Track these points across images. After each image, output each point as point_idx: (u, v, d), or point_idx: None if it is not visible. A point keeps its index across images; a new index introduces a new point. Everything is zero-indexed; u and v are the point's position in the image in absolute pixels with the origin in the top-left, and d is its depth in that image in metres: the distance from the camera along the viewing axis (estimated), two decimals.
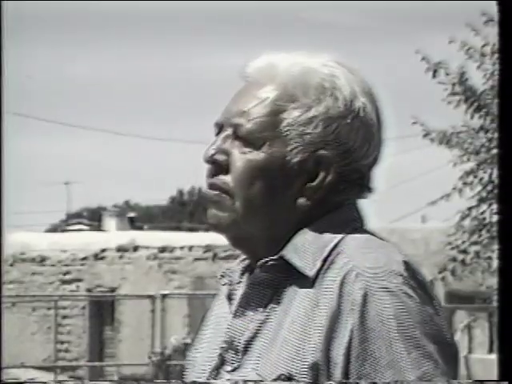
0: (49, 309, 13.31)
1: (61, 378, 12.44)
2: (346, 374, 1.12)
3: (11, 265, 13.88)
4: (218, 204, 1.19)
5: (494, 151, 7.18)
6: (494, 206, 7.27)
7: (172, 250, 13.71)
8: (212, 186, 1.20)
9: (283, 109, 1.18)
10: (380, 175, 1.21)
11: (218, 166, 1.20)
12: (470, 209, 7.35)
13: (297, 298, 1.16)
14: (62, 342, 13.49)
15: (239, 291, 1.21)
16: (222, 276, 1.24)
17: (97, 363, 13.24)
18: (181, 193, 37.81)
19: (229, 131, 1.20)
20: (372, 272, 1.14)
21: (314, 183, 1.18)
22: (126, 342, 13.40)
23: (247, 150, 1.18)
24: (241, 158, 1.18)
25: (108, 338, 13.79)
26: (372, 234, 1.19)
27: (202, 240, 13.82)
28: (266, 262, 1.17)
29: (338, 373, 1.12)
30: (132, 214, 19.76)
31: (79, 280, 13.91)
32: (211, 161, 1.20)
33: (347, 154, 1.18)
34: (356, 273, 1.14)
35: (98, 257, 13.90)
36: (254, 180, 1.18)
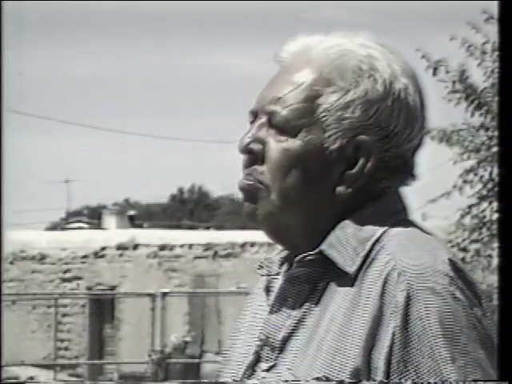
0: (49, 307, 13.30)
1: (60, 376, 12.44)
2: (387, 379, 1.06)
3: (11, 263, 13.87)
4: (253, 195, 1.14)
5: (495, 149, 7.17)
6: (495, 204, 7.27)
7: (172, 248, 13.70)
8: (248, 177, 1.15)
9: (319, 93, 1.13)
10: None
11: (254, 156, 1.15)
12: (470, 207, 7.34)
13: (336, 296, 1.11)
14: (62, 340, 13.49)
15: (277, 283, 1.16)
16: (261, 267, 1.19)
17: (97, 361, 13.24)
18: (181, 191, 37.77)
19: (263, 119, 1.15)
20: (416, 271, 1.07)
21: (354, 170, 1.13)
22: (125, 340, 13.39)
23: (283, 138, 1.14)
24: (276, 146, 1.14)
25: (108, 336, 13.78)
26: (416, 227, 1.13)
27: (202, 238, 13.80)
28: (304, 256, 1.12)
29: (378, 378, 1.06)
30: (132, 212, 19.75)
31: (79, 278, 13.90)
32: (247, 150, 1.15)
33: (388, 139, 1.13)
34: (398, 272, 1.08)
35: (98, 255, 13.90)
36: (291, 169, 1.13)
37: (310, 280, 1.13)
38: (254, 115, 1.17)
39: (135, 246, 13.82)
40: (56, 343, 12.04)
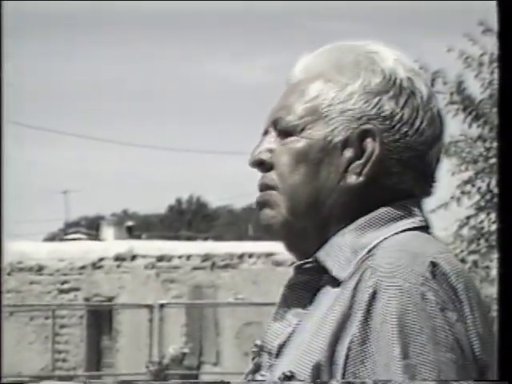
0: (46, 318, 13.27)
1: None
2: (343, 375, 1.06)
3: (9, 274, 13.84)
4: (267, 204, 1.15)
5: (492, 160, 7.18)
6: (493, 215, 7.27)
7: (170, 259, 13.68)
8: (261, 186, 1.16)
9: (320, 93, 1.15)
10: None
11: (265, 165, 1.16)
12: (468, 218, 7.34)
13: (323, 301, 1.12)
14: (60, 352, 13.44)
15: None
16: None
17: (94, 373, 13.19)
18: (179, 202, 37.75)
19: (272, 131, 1.17)
20: (388, 269, 1.07)
21: (362, 160, 1.12)
22: (123, 352, 13.36)
23: (289, 139, 1.15)
24: (283, 149, 1.15)
25: (106, 347, 13.75)
26: (423, 234, 1.11)
27: (201, 249, 13.79)
28: (302, 264, 1.13)
29: (338, 374, 1.06)
30: (130, 223, 19.75)
31: (77, 289, 13.88)
32: (257, 162, 1.16)
33: (394, 129, 1.12)
34: (371, 270, 1.08)
35: (96, 266, 13.87)
36: (297, 167, 1.13)
37: (308, 287, 1.14)
38: (265, 132, 1.18)
39: (133, 257, 13.81)
40: (54, 355, 12.00)
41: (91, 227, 22.70)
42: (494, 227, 7.34)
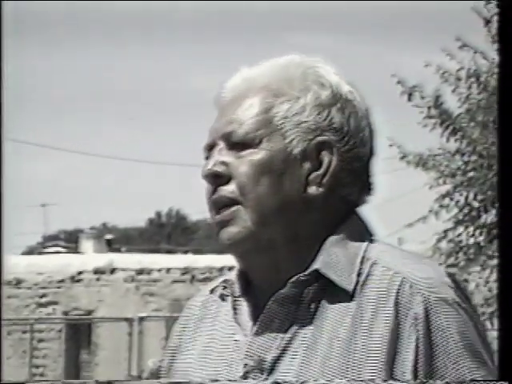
0: (24, 332, 13.16)
1: None
2: None
3: None
4: (228, 221, 1.13)
5: (470, 174, 7.24)
6: (471, 229, 7.32)
7: (150, 272, 13.64)
8: (219, 199, 1.14)
9: (272, 105, 1.16)
10: None
11: (220, 178, 1.14)
12: (446, 231, 7.39)
13: (331, 315, 1.11)
14: (38, 366, 13.33)
15: (244, 304, 1.16)
16: (224, 287, 1.18)
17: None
18: (159, 215, 37.64)
19: (221, 144, 1.16)
20: (426, 283, 1.10)
21: (321, 170, 1.15)
22: (102, 366, 13.27)
23: (245, 152, 1.14)
24: (241, 162, 1.14)
25: (84, 361, 13.65)
26: (388, 244, 1.16)
27: (180, 262, 13.76)
28: (299, 277, 1.12)
29: None
30: (109, 236, 19.66)
31: (55, 303, 13.79)
32: (211, 174, 1.14)
33: (345, 140, 1.16)
34: (410, 285, 1.10)
35: (75, 279, 13.80)
36: (260, 179, 1.13)
37: (298, 300, 1.13)
38: (210, 147, 1.18)
39: (112, 270, 13.75)
40: (31, 369, 11.89)
41: (70, 240, 22.57)
42: (472, 241, 7.39)
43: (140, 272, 13.65)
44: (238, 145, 1.15)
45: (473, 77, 7.18)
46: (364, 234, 1.16)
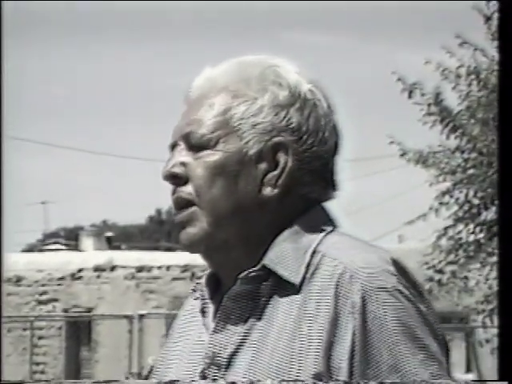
0: (24, 330, 13.16)
1: None
2: (350, 379, 1.08)
3: None
4: (186, 222, 1.16)
5: (470, 171, 7.24)
6: (471, 226, 7.33)
7: (150, 269, 13.64)
8: (177, 200, 1.16)
9: (230, 106, 1.16)
10: (357, 194, 1.19)
11: (178, 179, 1.16)
12: (446, 228, 7.39)
13: (281, 308, 1.13)
14: (38, 364, 13.34)
15: (211, 305, 1.19)
16: (194, 290, 1.22)
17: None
18: (159, 212, 37.69)
19: (182, 144, 1.18)
20: (367, 272, 1.11)
21: (276, 171, 1.15)
22: (102, 363, 13.28)
23: (202, 153, 1.16)
24: (198, 163, 1.16)
25: (85, 358, 13.66)
26: (347, 235, 1.17)
27: (180, 260, 13.77)
28: (249, 273, 1.14)
29: (341, 378, 1.08)
30: (109, 234, 19.66)
31: (56, 300, 13.79)
32: (170, 175, 1.17)
33: (302, 140, 1.16)
34: (350, 274, 1.11)
35: (75, 277, 13.80)
36: (215, 180, 1.15)
37: (252, 296, 1.14)
38: (173, 147, 1.19)
39: (112, 268, 13.75)
40: (31, 366, 11.90)
41: (70, 238, 22.58)
42: (472, 238, 7.40)
43: (140, 269, 13.66)
44: (196, 146, 1.17)
45: (473, 74, 7.19)
46: (320, 227, 1.16)
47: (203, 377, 1.15)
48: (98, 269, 13.76)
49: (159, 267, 13.60)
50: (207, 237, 1.15)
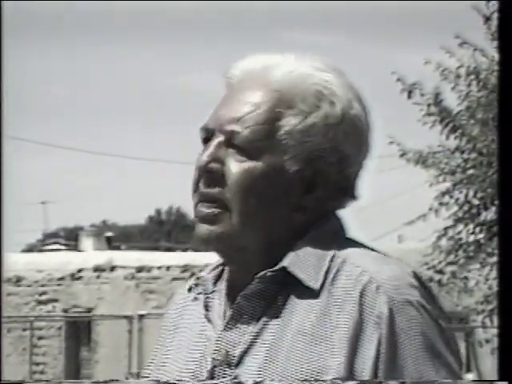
0: (24, 330, 13.16)
1: None
2: None
3: None
4: (209, 218, 1.15)
5: (470, 171, 7.24)
6: (470, 226, 7.33)
7: (149, 269, 13.64)
8: (206, 197, 1.15)
9: (281, 116, 1.14)
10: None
11: (213, 176, 1.14)
12: (446, 229, 7.39)
13: (298, 310, 1.12)
14: (38, 364, 13.34)
15: (215, 301, 1.18)
16: (196, 285, 1.21)
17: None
18: (158, 212, 37.68)
19: (221, 138, 1.15)
20: (392, 284, 1.11)
21: (313, 195, 1.15)
22: (102, 363, 13.28)
23: (244, 158, 1.14)
24: (237, 167, 1.14)
25: (84, 358, 13.66)
26: (360, 243, 1.17)
27: (180, 260, 13.76)
28: (266, 273, 1.13)
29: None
30: (109, 234, 19.67)
31: (55, 300, 13.79)
32: (206, 170, 1.14)
33: (341, 162, 1.16)
34: (377, 285, 1.11)
35: (75, 277, 13.80)
36: (252, 191, 1.13)
37: (266, 296, 1.14)
38: (210, 133, 1.16)
39: (112, 268, 13.75)
40: (31, 367, 11.89)
41: (70, 238, 22.58)
42: (471, 238, 7.40)
43: (140, 269, 13.66)
44: (237, 148, 1.14)
45: (472, 74, 7.18)
46: (338, 233, 1.17)
47: (211, 374, 1.14)
48: (97, 269, 13.75)
49: (159, 267, 13.60)
50: (229, 240, 1.15)
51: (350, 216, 1.22)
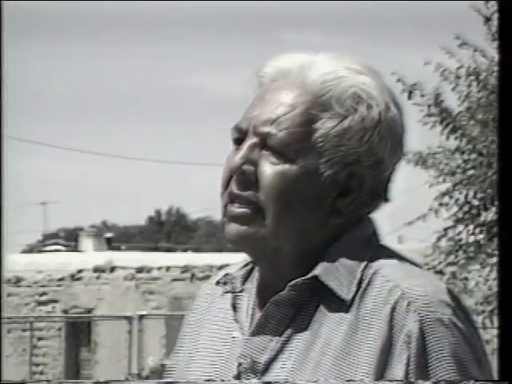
0: (24, 330, 13.16)
1: None
2: None
3: None
4: (244, 218, 1.12)
5: (470, 172, 7.24)
6: (470, 227, 7.32)
7: (149, 270, 13.64)
8: (238, 199, 1.12)
9: (316, 118, 1.12)
10: None
11: (246, 178, 1.12)
12: (446, 229, 7.39)
13: (328, 321, 1.11)
14: (38, 364, 13.33)
15: (244, 301, 1.16)
16: (224, 283, 1.17)
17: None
18: (158, 213, 37.67)
19: (255, 140, 1.12)
20: (424, 301, 1.09)
21: (347, 199, 1.13)
22: (102, 364, 13.28)
23: (278, 161, 1.11)
24: (272, 169, 1.11)
25: (84, 359, 13.66)
26: (393, 251, 1.15)
27: (180, 260, 13.76)
28: (298, 281, 1.11)
29: None
30: (109, 235, 19.68)
31: (55, 301, 13.79)
32: (239, 172, 1.12)
33: (377, 166, 1.13)
34: (408, 301, 1.09)
35: (75, 277, 13.80)
36: (287, 194, 1.11)
37: (297, 303, 1.12)
38: (243, 134, 1.14)
39: (112, 269, 13.75)
40: (31, 367, 11.89)
41: (70, 239, 22.58)
42: (471, 239, 7.39)
43: (140, 270, 13.65)
44: (272, 150, 1.12)
45: (472, 75, 7.18)
46: (370, 238, 1.15)
47: (237, 379, 1.13)
48: (97, 269, 13.75)
49: (159, 268, 13.59)
50: (262, 242, 1.13)
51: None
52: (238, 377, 1.13)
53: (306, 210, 1.12)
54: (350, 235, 1.14)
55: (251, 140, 1.13)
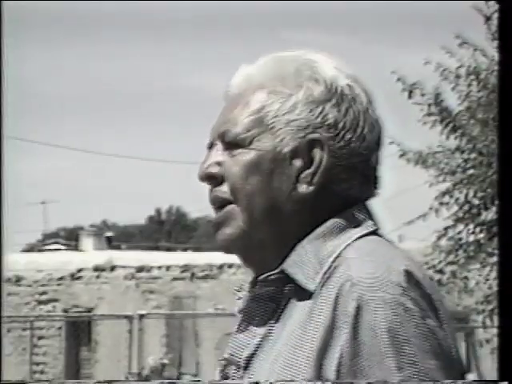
0: (24, 330, 13.17)
1: None
2: None
3: None
4: (221, 222, 1.15)
5: (470, 171, 7.25)
6: (471, 226, 7.33)
7: (149, 269, 13.65)
8: (213, 200, 1.16)
9: (264, 104, 1.15)
10: None
11: (215, 179, 1.16)
12: (446, 229, 7.40)
13: (294, 312, 1.12)
14: (38, 364, 13.34)
15: (243, 302, 1.18)
16: (238, 291, 1.21)
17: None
18: (158, 212, 37.69)
19: (218, 144, 1.17)
20: (368, 282, 1.08)
21: (311, 168, 1.13)
22: (102, 363, 13.29)
23: (237, 152, 1.15)
24: (232, 161, 1.15)
25: (84, 358, 13.66)
26: (382, 240, 1.13)
27: (180, 260, 13.77)
28: (268, 276, 1.13)
29: None
30: (109, 234, 19.67)
31: (55, 300, 13.79)
32: (206, 176, 1.16)
33: (339, 137, 1.14)
34: (351, 283, 1.08)
35: (75, 277, 13.81)
36: (249, 178, 1.13)
37: (273, 298, 1.14)
38: (210, 146, 1.19)
39: (112, 268, 13.76)
40: (31, 366, 11.89)
41: (70, 238, 22.58)
42: (472, 238, 7.40)
43: (140, 269, 13.66)
44: (231, 144, 1.16)
45: (473, 74, 7.19)
46: (353, 228, 1.13)
47: (225, 375, 1.15)
48: (97, 269, 13.76)
49: (159, 267, 13.60)
50: (243, 236, 1.14)
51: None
52: (222, 372, 1.16)
53: (273, 189, 1.13)
54: (331, 222, 1.13)
55: (215, 146, 1.18)
